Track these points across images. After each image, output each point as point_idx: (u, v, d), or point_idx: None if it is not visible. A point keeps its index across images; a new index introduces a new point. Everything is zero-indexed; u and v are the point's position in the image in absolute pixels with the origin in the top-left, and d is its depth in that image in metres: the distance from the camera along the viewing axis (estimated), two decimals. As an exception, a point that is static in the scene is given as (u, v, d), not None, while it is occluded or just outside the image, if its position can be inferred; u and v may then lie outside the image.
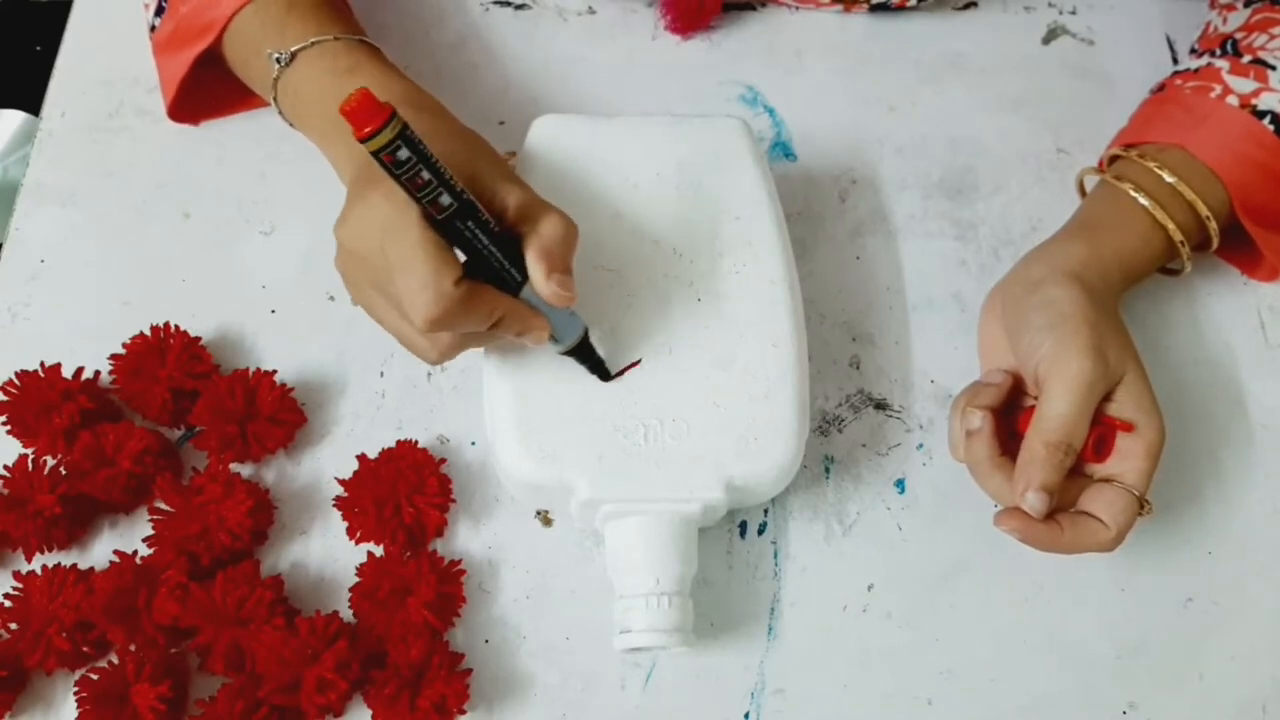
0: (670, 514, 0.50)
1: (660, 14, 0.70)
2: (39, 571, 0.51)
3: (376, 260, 0.45)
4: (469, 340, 0.49)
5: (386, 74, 0.54)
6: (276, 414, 0.55)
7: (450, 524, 0.55)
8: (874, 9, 0.71)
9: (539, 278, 0.46)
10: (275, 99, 0.56)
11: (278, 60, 0.54)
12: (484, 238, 0.45)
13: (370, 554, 0.53)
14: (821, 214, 0.65)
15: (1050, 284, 0.53)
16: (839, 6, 0.71)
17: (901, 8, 0.71)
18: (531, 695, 0.52)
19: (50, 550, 0.53)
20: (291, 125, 0.57)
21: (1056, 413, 0.50)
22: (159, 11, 0.60)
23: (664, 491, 0.50)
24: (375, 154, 0.41)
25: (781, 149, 0.67)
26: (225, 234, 0.62)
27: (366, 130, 0.40)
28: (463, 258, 0.46)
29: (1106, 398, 0.51)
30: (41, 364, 0.54)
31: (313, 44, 0.54)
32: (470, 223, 0.44)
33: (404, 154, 0.41)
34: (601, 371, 0.51)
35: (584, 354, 0.50)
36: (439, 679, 0.49)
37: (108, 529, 0.55)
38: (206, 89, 0.62)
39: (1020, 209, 0.66)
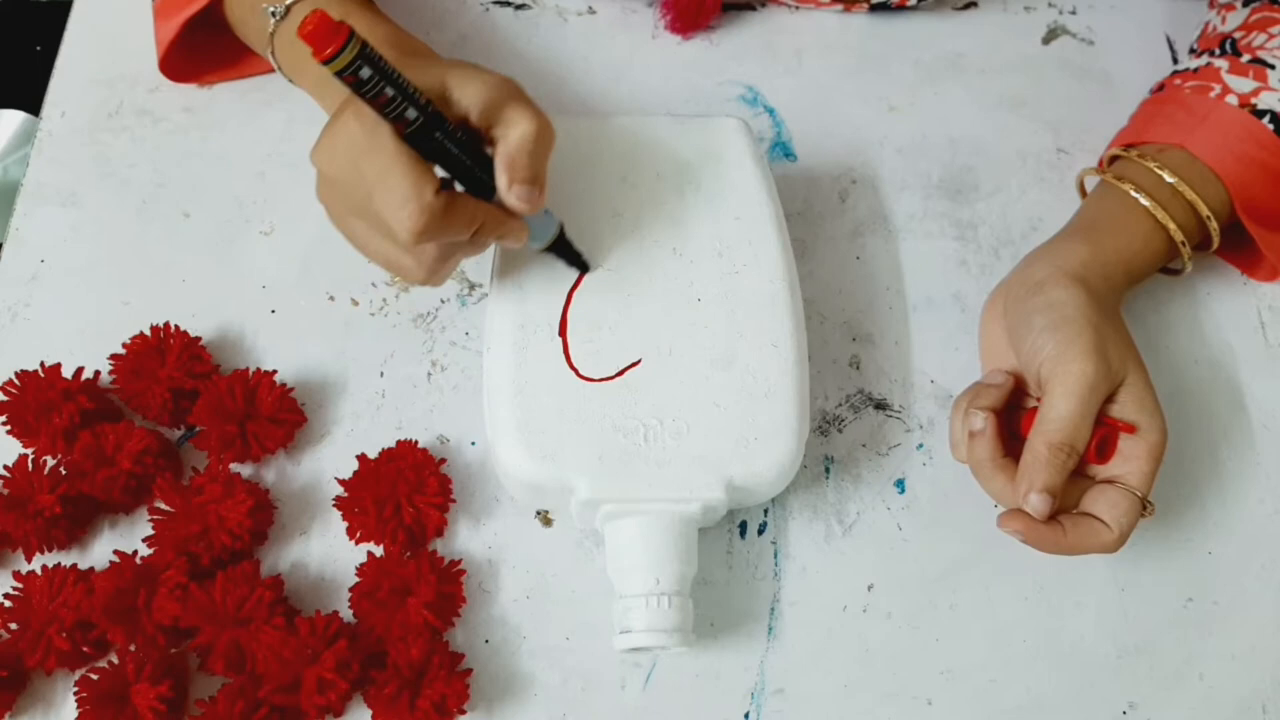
0: (670, 514, 0.50)
1: (660, 14, 0.70)
2: (39, 571, 0.51)
3: (353, 183, 0.45)
4: (453, 253, 0.49)
5: (375, 19, 0.54)
6: (276, 414, 0.55)
7: (450, 524, 0.55)
8: (874, 9, 0.71)
9: (501, 187, 0.46)
10: (273, 54, 0.57)
11: (273, 14, 0.55)
12: (453, 147, 0.45)
13: (370, 554, 0.53)
14: (821, 214, 0.65)
15: (1053, 285, 0.53)
16: (839, 6, 0.71)
17: (902, 7, 0.71)
18: (531, 695, 0.52)
19: (50, 550, 0.53)
20: (290, 81, 0.58)
21: (1059, 414, 0.50)
22: None
23: (664, 491, 0.50)
24: (338, 75, 0.41)
25: (781, 149, 0.67)
26: (225, 234, 0.62)
27: (327, 52, 0.40)
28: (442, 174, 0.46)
29: (1109, 399, 0.51)
30: (41, 364, 0.54)
31: None
32: (439, 134, 0.44)
33: (366, 72, 0.41)
34: (580, 264, 0.52)
35: (561, 249, 0.51)
36: (439, 679, 0.49)
37: (108, 529, 0.55)
38: (207, 49, 0.63)
39: (1020, 209, 0.66)
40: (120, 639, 0.50)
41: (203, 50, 0.63)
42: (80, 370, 0.55)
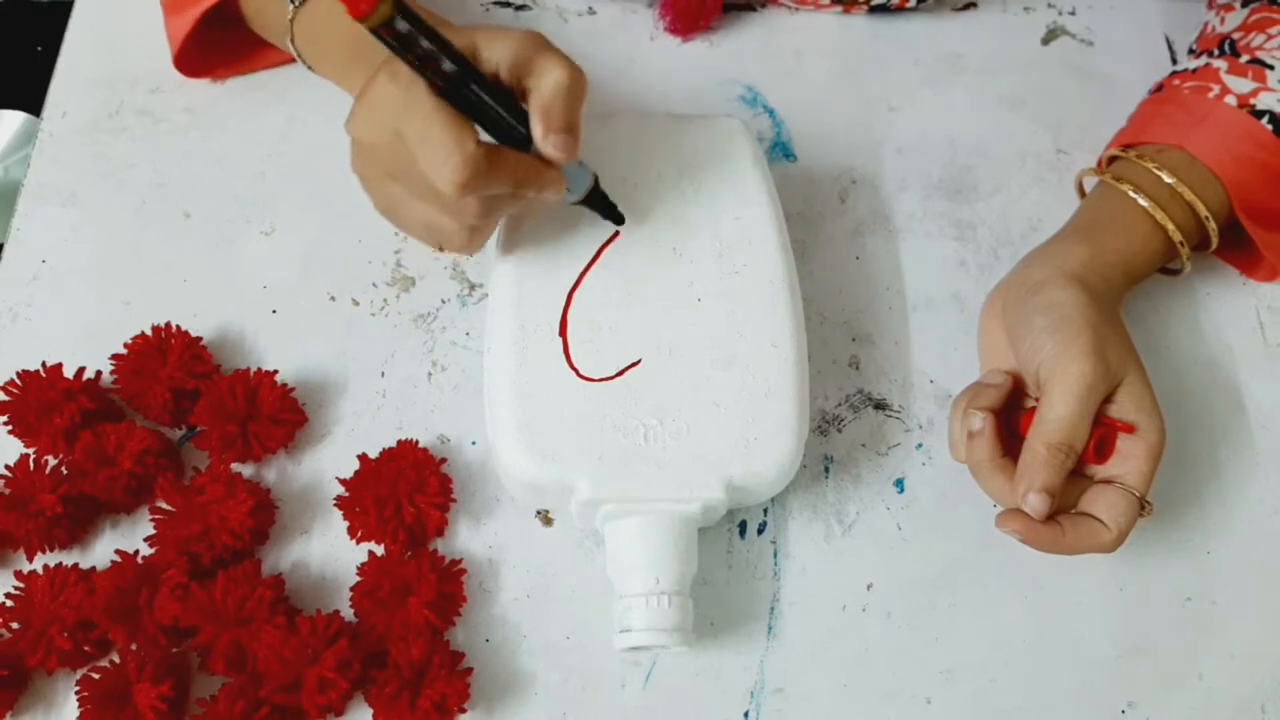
0: (670, 514, 0.50)
1: (660, 15, 0.70)
2: (40, 571, 0.51)
3: (391, 144, 0.45)
4: (493, 208, 0.48)
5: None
6: (277, 414, 0.55)
7: (451, 523, 0.55)
8: (873, 10, 0.71)
9: (538, 136, 0.46)
10: (292, 40, 0.56)
11: (292, 1, 0.54)
12: (489, 99, 0.45)
13: (371, 553, 0.53)
14: (821, 214, 0.65)
15: (1052, 286, 0.53)
16: (838, 8, 0.71)
17: (901, 9, 0.71)
18: (531, 695, 0.52)
19: (51, 550, 0.53)
20: (310, 68, 0.58)
21: (1058, 415, 0.50)
22: None
23: (664, 491, 0.50)
24: (375, 30, 0.41)
25: (781, 149, 0.67)
26: (225, 234, 0.62)
27: (364, 8, 0.40)
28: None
29: (1108, 399, 0.52)
30: (43, 364, 0.54)
31: None
32: (475, 85, 0.44)
33: (402, 25, 0.41)
34: (615, 215, 0.52)
35: (596, 201, 0.51)
36: (439, 678, 0.49)
37: (109, 529, 0.55)
38: (218, 43, 0.63)
39: (1020, 209, 0.66)
40: (121, 638, 0.50)
41: (215, 44, 0.63)
42: (81, 370, 0.56)
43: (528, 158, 0.47)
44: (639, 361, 0.52)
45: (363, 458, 0.54)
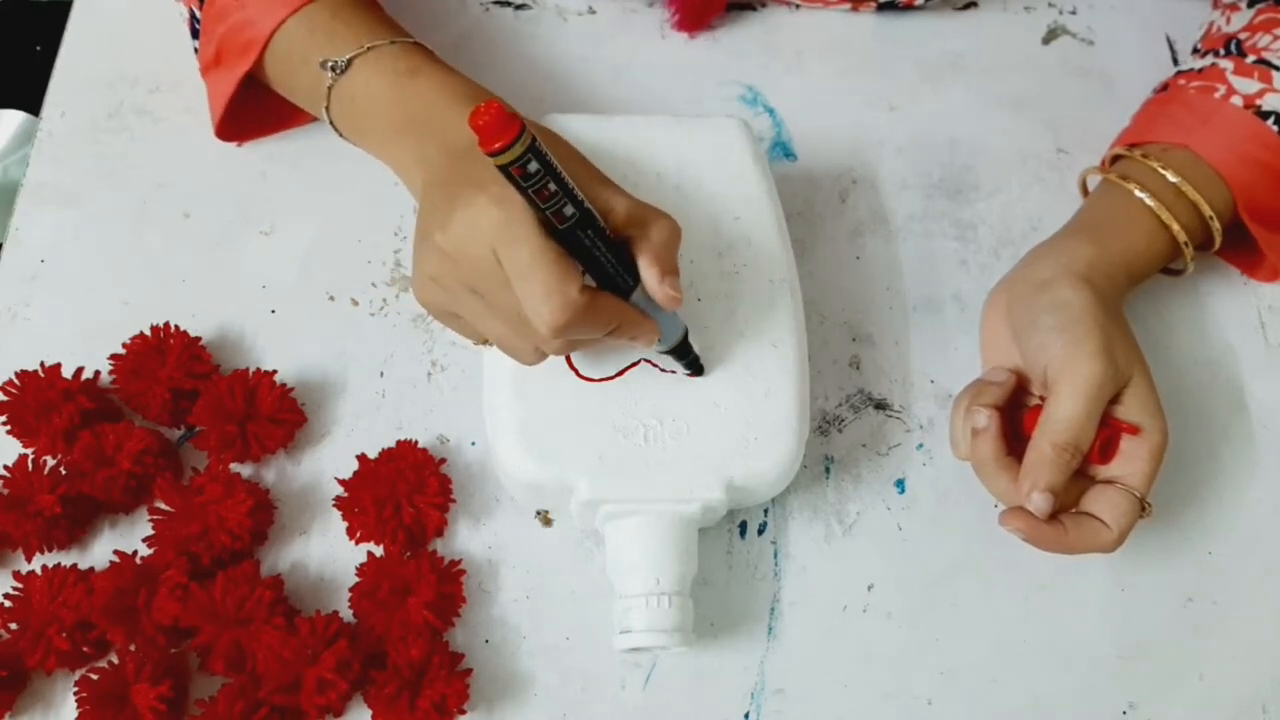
0: (670, 514, 0.50)
1: (669, 12, 0.70)
2: (39, 571, 0.51)
3: (483, 265, 0.45)
4: (578, 344, 0.48)
5: (449, 76, 0.53)
6: (276, 414, 0.55)
7: (450, 524, 0.55)
8: (881, 8, 0.71)
9: (653, 281, 0.46)
10: (328, 108, 0.55)
11: (332, 68, 0.53)
12: (602, 245, 0.45)
13: (370, 554, 0.53)
14: (821, 214, 0.65)
15: (1060, 285, 0.53)
16: (846, 5, 0.71)
17: (909, 7, 0.71)
18: (531, 695, 0.52)
19: (50, 550, 0.53)
20: (342, 135, 0.56)
21: (1065, 414, 0.50)
22: (195, 34, 0.59)
23: (664, 491, 0.50)
24: (504, 167, 0.40)
25: (781, 149, 0.67)
26: (225, 234, 0.62)
27: (497, 145, 0.39)
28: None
29: (1113, 400, 0.51)
30: (41, 364, 0.54)
31: (368, 49, 0.53)
32: (590, 230, 0.44)
33: (534, 166, 0.41)
34: (697, 368, 0.51)
35: (683, 352, 0.51)
36: (439, 679, 0.49)
37: (108, 529, 0.55)
38: (250, 108, 0.61)
39: (1020, 209, 0.66)
40: (120, 639, 0.50)
41: (246, 107, 0.61)
42: (80, 370, 0.55)
43: (627, 306, 0.47)
44: (639, 362, 0.52)
45: (362, 458, 0.54)
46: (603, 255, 0.45)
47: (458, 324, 0.50)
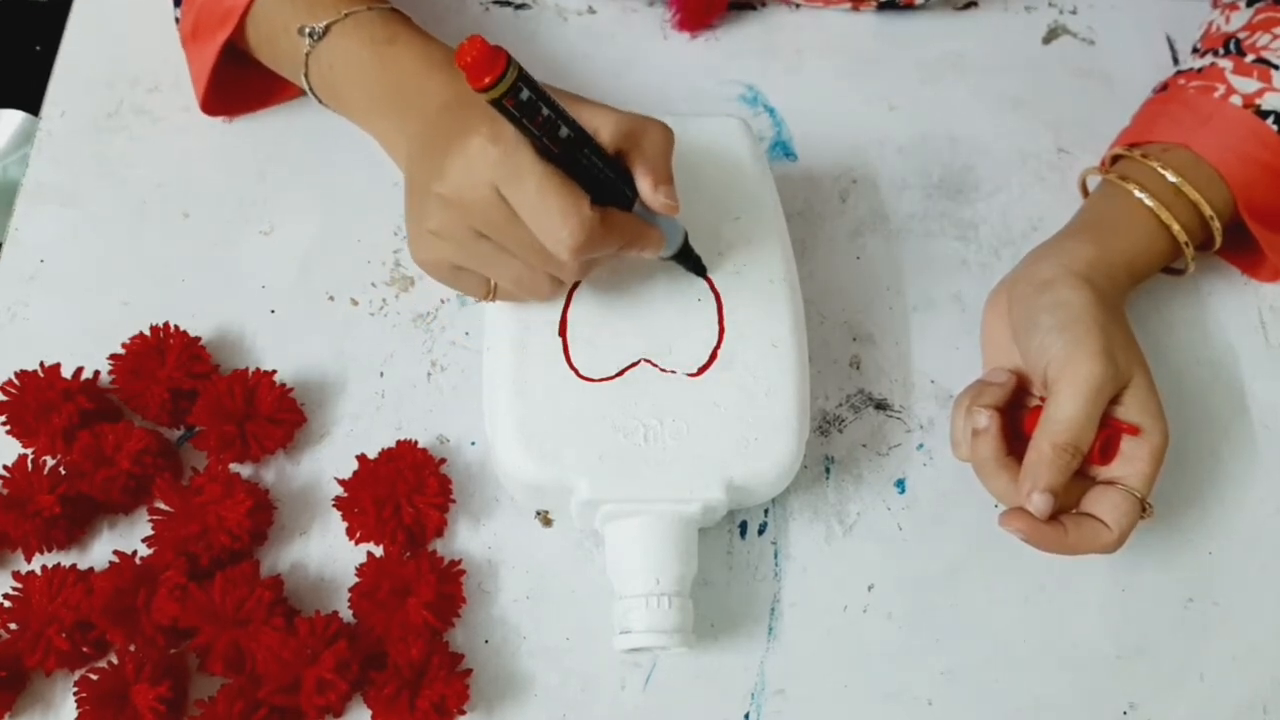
0: (670, 514, 0.50)
1: (669, 12, 0.69)
2: (38, 572, 0.51)
3: (488, 205, 0.45)
4: (593, 265, 0.48)
5: (427, 41, 0.53)
6: (276, 414, 0.55)
7: (450, 524, 0.55)
8: (881, 8, 0.71)
9: (647, 190, 0.46)
10: (306, 76, 0.55)
11: (310, 35, 0.53)
12: (599, 161, 0.45)
13: (370, 554, 0.53)
14: (821, 214, 0.65)
15: (1061, 285, 0.53)
16: (847, 4, 0.71)
17: (909, 6, 0.71)
18: (531, 696, 0.52)
19: (50, 550, 0.53)
20: (322, 103, 0.56)
21: (1066, 415, 0.50)
22: (177, 2, 0.59)
23: (664, 491, 0.50)
24: (497, 99, 0.41)
25: (781, 149, 0.67)
26: (225, 234, 0.62)
27: (487, 80, 0.40)
28: None
29: (1113, 401, 0.51)
30: (41, 364, 0.54)
31: (346, 16, 0.53)
32: (586, 149, 0.45)
33: (525, 95, 0.41)
34: (700, 268, 0.53)
35: (685, 256, 0.52)
36: (439, 679, 0.49)
37: (107, 529, 0.55)
38: (236, 81, 0.61)
39: (1020, 209, 0.66)
40: (120, 639, 0.50)
41: (233, 81, 0.61)
42: (80, 370, 0.55)
43: (635, 218, 0.47)
44: (639, 362, 0.52)
45: (361, 458, 0.54)
46: (601, 172, 0.45)
47: (462, 278, 0.50)
